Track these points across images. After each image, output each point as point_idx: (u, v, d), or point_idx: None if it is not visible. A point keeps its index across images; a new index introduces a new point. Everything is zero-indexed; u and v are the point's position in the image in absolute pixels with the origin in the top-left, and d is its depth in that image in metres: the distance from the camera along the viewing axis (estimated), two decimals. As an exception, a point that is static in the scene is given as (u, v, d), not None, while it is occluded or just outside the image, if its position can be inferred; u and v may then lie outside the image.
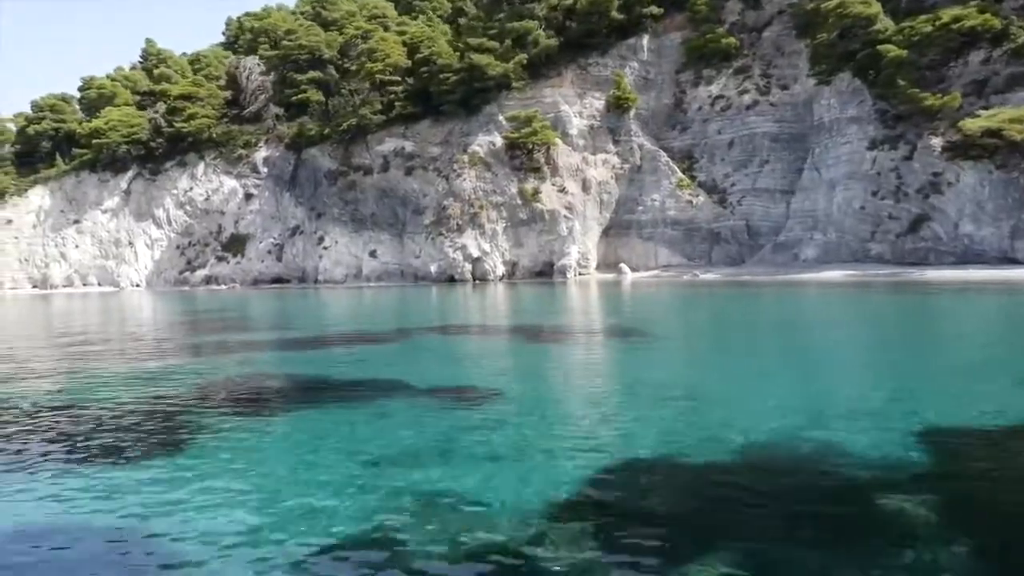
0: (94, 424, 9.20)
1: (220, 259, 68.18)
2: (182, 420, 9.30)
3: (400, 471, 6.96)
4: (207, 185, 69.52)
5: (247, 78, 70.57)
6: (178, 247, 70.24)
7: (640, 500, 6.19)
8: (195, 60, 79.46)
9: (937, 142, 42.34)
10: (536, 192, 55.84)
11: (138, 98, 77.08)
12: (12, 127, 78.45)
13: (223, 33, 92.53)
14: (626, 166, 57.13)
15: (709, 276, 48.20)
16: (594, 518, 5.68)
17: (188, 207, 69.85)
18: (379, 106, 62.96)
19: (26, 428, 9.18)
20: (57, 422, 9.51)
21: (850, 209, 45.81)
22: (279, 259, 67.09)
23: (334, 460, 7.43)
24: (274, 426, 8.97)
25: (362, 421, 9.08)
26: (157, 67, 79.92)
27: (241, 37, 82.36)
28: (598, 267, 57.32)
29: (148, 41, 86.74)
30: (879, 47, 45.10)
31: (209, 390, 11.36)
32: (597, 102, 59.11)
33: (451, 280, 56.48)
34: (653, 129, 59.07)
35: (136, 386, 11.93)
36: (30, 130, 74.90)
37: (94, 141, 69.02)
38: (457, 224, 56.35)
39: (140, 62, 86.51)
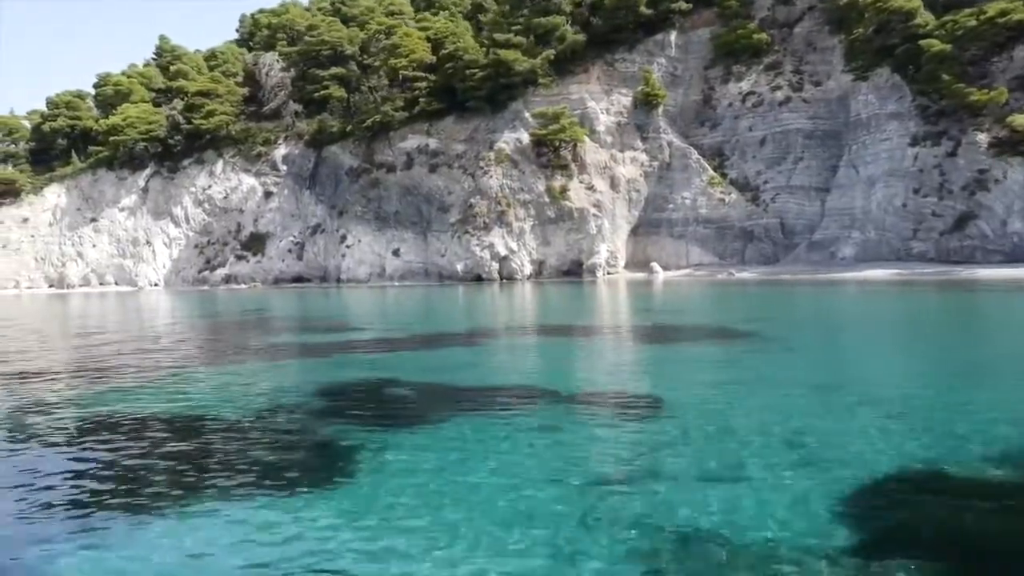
0: (224, 442, 8.30)
1: (240, 258, 67.31)
2: (323, 435, 8.43)
3: (611, 495, 6.11)
4: (226, 183, 68.66)
5: (266, 74, 69.71)
6: (196, 246, 69.38)
7: (906, 525, 5.39)
8: (211, 57, 78.47)
9: (983, 138, 41.53)
10: (564, 190, 54.99)
11: (153, 95, 76.23)
12: (27, 124, 77.50)
13: (237, 30, 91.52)
14: (655, 164, 56.26)
15: (745, 275, 47.37)
16: (868, 549, 4.89)
17: (206, 205, 69.01)
18: (401, 103, 62.18)
19: (142, 450, 8.26)
20: (178, 441, 8.64)
21: (891, 207, 44.96)
22: (300, 258, 66.23)
23: (526, 483, 6.52)
24: (432, 441, 8.08)
25: (526, 433, 8.23)
26: (172, 64, 78.98)
27: (257, 34, 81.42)
28: (626, 266, 56.49)
29: (162, 38, 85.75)
30: (921, 42, 44.23)
31: (331, 398, 10.51)
32: (624, 99, 58.24)
33: (478, 279, 55.63)
34: (681, 126, 58.21)
35: (247, 395, 11.09)
36: (45, 127, 73.92)
37: (111, 138, 68.10)
38: (484, 222, 55.50)
39: (154, 59, 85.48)
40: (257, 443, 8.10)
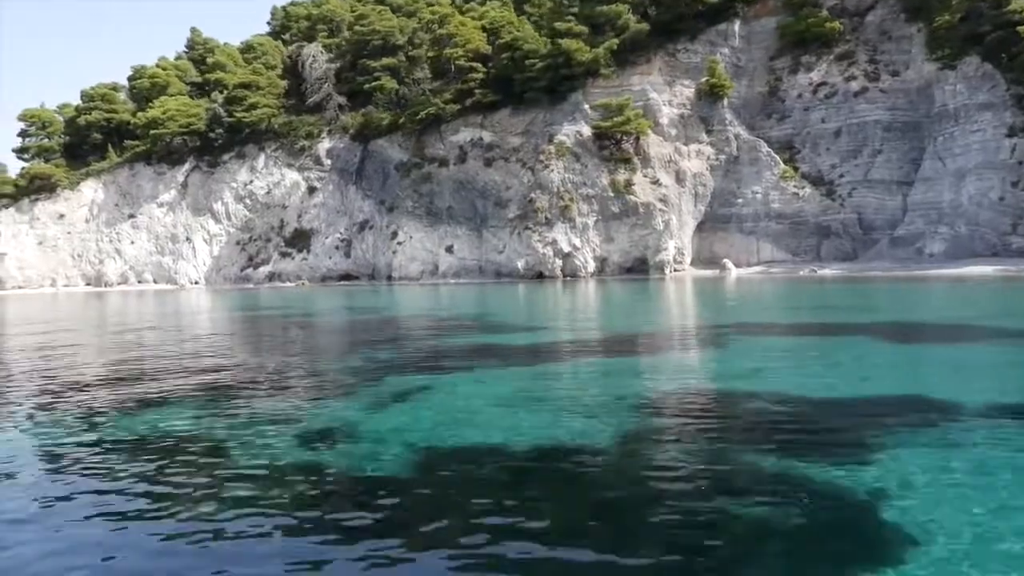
0: (676, 497, 6.34)
1: (284, 255, 65.49)
2: (774, 474, 6.51)
3: None
4: (268, 178, 66.82)
5: (309, 66, 67.81)
6: (238, 242, 67.54)
7: None
8: (247, 49, 76.54)
9: (1091, 128, 39.64)
10: (628, 184, 53.08)
11: (188, 88, 74.44)
12: (59, 118, 75.58)
13: (268, 23, 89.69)
14: (721, 157, 54.39)
15: (827, 272, 45.49)
16: None
17: (248, 201, 67.16)
18: (450, 95, 60.31)
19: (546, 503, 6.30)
20: (580, 486, 6.74)
21: (985, 201, 43.09)
22: (347, 255, 64.36)
23: None
24: (881, 478, 6.18)
25: (1002, 465, 6.33)
26: (206, 56, 77.18)
27: (293, 26, 79.48)
28: (692, 263, 54.65)
29: (194, 30, 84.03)
30: (1020, 28, 42.35)
31: (697, 419, 8.62)
32: (687, 90, 56.38)
33: (539, 276, 53.78)
34: (746, 118, 56.35)
35: (568, 413, 9.19)
36: (80, 120, 72.03)
37: (151, 132, 66.22)
38: (545, 218, 53.62)
39: (186, 51, 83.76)
40: (710, 490, 6.13)
